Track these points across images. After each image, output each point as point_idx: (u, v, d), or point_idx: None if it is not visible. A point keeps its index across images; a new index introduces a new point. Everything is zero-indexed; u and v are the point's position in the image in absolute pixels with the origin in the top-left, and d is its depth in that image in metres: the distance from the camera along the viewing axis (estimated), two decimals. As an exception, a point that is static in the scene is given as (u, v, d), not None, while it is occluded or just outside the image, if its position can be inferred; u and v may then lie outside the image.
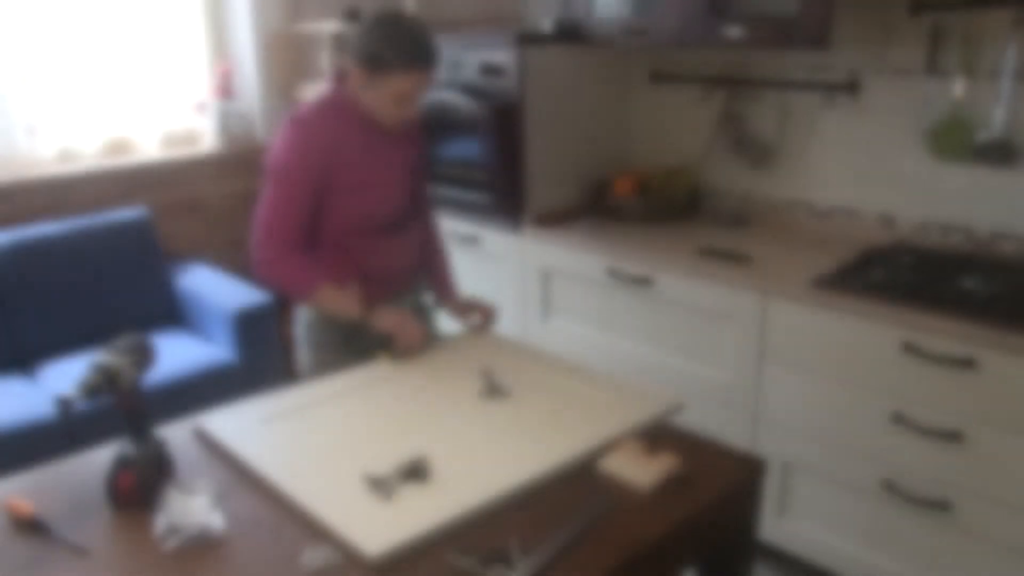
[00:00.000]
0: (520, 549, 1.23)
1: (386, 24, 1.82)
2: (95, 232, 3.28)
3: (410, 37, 1.81)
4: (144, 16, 3.59)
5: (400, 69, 1.81)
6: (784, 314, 2.22)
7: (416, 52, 1.82)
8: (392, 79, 1.82)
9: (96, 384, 1.35)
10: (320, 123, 1.90)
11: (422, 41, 1.83)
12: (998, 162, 2.26)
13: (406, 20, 1.84)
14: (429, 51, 1.84)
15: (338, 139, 1.91)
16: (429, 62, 1.85)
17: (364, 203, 1.97)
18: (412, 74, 1.83)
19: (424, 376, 1.82)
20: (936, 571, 2.10)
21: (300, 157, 1.88)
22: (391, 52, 1.80)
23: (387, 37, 1.80)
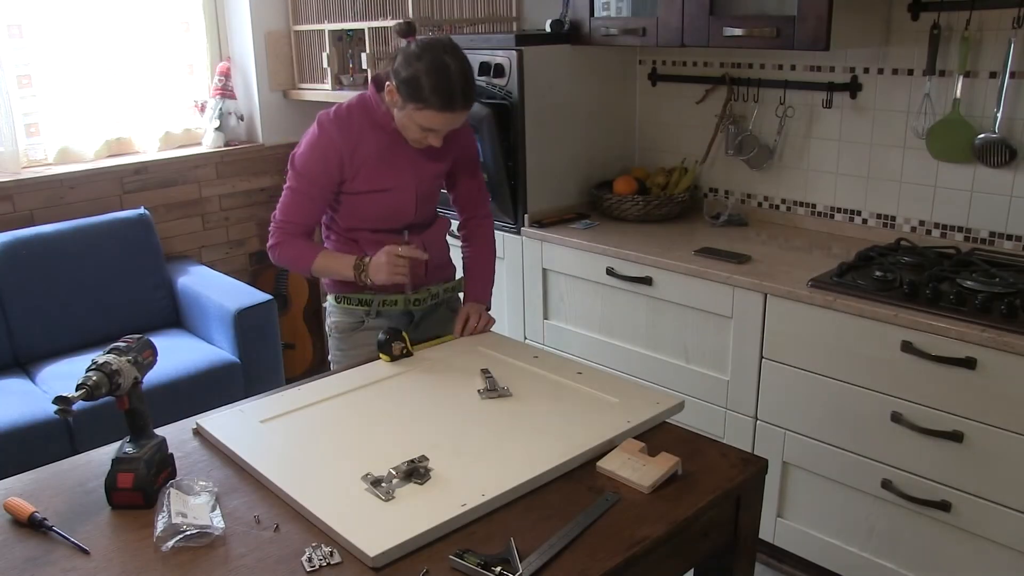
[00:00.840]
0: (520, 549, 1.23)
1: (433, 60, 1.80)
2: (95, 232, 3.28)
3: (451, 81, 1.80)
4: (144, 16, 3.59)
5: (434, 108, 1.82)
6: (784, 314, 2.23)
7: (453, 98, 1.81)
8: (424, 113, 1.83)
9: (96, 384, 1.35)
10: (344, 125, 1.93)
11: (462, 87, 1.82)
12: (997, 162, 2.26)
13: (453, 61, 1.81)
14: (467, 97, 1.84)
15: (359, 143, 1.93)
16: (464, 108, 1.85)
17: (378, 206, 2.00)
18: (444, 115, 1.83)
19: (424, 376, 1.82)
20: (936, 571, 2.10)
21: (317, 158, 1.93)
22: (429, 90, 1.79)
23: (429, 74, 1.79)
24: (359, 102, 1.96)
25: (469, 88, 1.84)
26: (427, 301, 2.12)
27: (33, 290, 3.11)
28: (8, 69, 3.25)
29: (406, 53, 1.83)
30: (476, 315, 2.08)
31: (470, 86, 1.84)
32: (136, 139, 3.67)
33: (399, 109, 1.87)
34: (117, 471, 1.37)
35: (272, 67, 3.85)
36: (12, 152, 3.27)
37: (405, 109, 1.85)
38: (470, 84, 1.84)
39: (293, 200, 1.97)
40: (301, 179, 1.95)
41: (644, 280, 2.52)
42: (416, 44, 1.83)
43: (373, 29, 3.43)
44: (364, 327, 2.10)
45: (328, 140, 1.92)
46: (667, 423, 1.63)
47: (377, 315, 2.09)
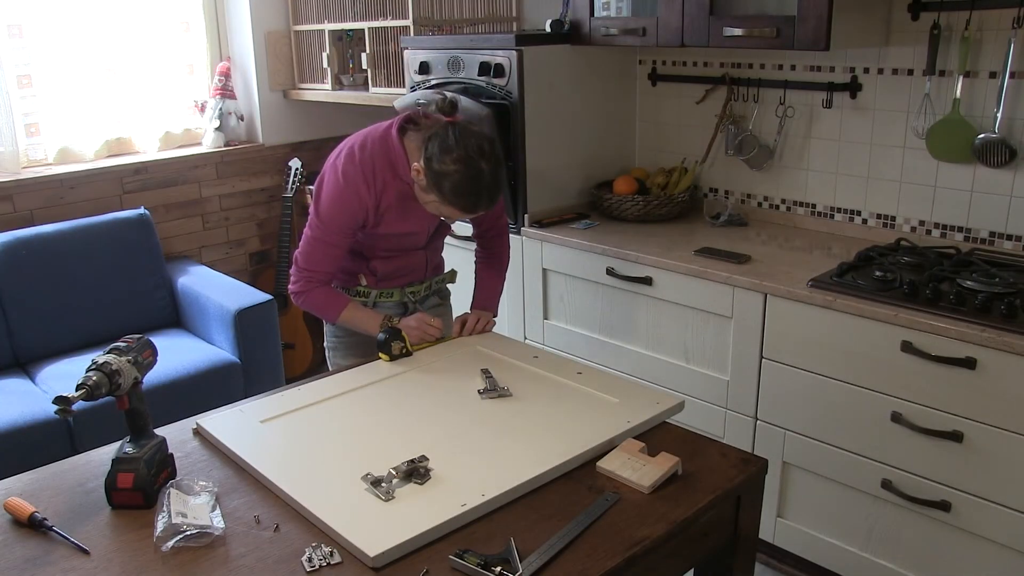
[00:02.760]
0: (520, 549, 1.23)
1: (468, 165, 1.78)
2: (95, 232, 3.28)
3: (480, 189, 1.81)
4: (144, 16, 3.59)
5: (457, 209, 1.84)
6: (784, 314, 2.23)
7: (478, 204, 1.84)
8: (446, 208, 1.85)
9: (96, 384, 1.35)
10: (369, 178, 1.91)
11: (489, 193, 1.83)
12: (998, 162, 2.26)
13: (488, 165, 1.80)
14: (492, 201, 1.86)
15: (383, 193, 1.93)
16: (475, 210, 1.87)
17: (391, 243, 2.05)
18: (457, 212, 1.86)
19: (424, 376, 1.83)
20: (936, 571, 2.10)
21: (343, 209, 1.92)
22: (455, 193, 1.80)
23: (459, 176, 1.78)
24: (382, 149, 1.92)
25: (496, 192, 1.85)
26: (421, 292, 2.17)
27: (33, 290, 3.11)
28: (8, 69, 3.25)
29: (443, 143, 1.79)
30: (476, 317, 2.11)
31: (498, 189, 1.86)
32: (136, 139, 3.66)
33: (422, 189, 1.86)
34: (117, 471, 1.37)
35: (272, 67, 3.85)
36: (12, 152, 3.27)
37: (429, 195, 1.85)
38: (498, 187, 1.85)
39: (318, 250, 1.96)
40: (327, 231, 1.94)
41: (644, 280, 2.52)
42: (453, 136, 1.80)
43: (373, 29, 3.43)
44: None
45: (354, 194, 1.91)
46: (667, 423, 1.63)
47: (374, 306, 2.11)
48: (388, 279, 2.10)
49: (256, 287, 3.37)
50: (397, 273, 2.11)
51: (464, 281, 2.33)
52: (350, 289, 2.10)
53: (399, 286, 2.12)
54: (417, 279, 2.15)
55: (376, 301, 2.10)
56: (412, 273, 2.14)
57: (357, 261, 2.08)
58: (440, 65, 2.94)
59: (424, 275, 2.16)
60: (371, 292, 2.08)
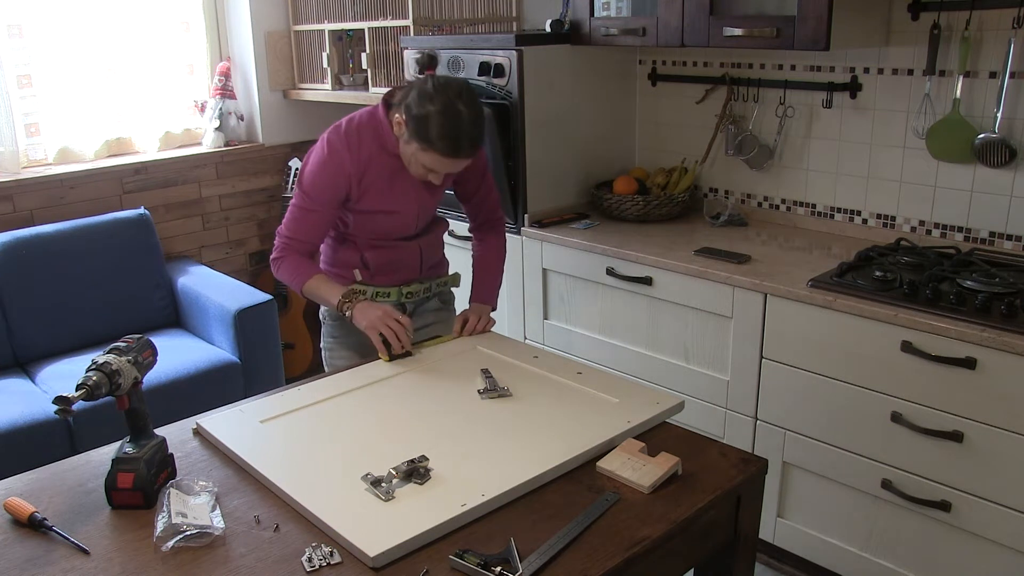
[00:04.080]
0: (520, 549, 1.23)
1: (446, 105, 1.79)
2: (95, 232, 3.28)
3: (460, 129, 1.80)
4: (144, 16, 3.59)
5: (439, 153, 1.82)
6: (784, 314, 2.23)
7: (459, 146, 1.82)
8: (428, 155, 1.84)
9: (96, 384, 1.35)
10: (355, 147, 1.93)
11: (470, 135, 1.82)
12: (997, 162, 2.26)
13: (467, 108, 1.81)
14: (474, 145, 1.85)
15: (368, 166, 1.94)
16: (470, 155, 1.86)
17: (378, 224, 2.03)
18: (448, 160, 1.84)
19: (424, 376, 1.83)
20: (936, 571, 2.10)
21: (326, 178, 1.94)
22: (437, 134, 1.80)
23: (440, 118, 1.79)
24: (369, 121, 1.95)
25: (478, 136, 1.85)
26: (420, 294, 2.15)
27: (33, 290, 3.11)
28: (8, 69, 3.25)
29: (421, 90, 1.81)
30: (476, 316, 2.09)
31: (479, 133, 1.85)
32: (136, 139, 3.66)
33: (405, 142, 1.87)
34: (117, 471, 1.37)
35: (272, 67, 3.85)
36: (12, 152, 3.27)
37: (411, 145, 1.85)
38: (480, 131, 1.85)
39: (299, 218, 1.98)
40: (308, 199, 1.96)
41: (644, 280, 2.52)
42: (432, 83, 1.82)
43: (373, 29, 3.43)
44: None
45: (338, 161, 1.92)
46: (667, 423, 1.63)
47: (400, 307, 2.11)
48: (382, 273, 2.08)
49: (256, 287, 3.37)
50: (390, 267, 2.09)
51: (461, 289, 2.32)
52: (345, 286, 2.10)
53: (396, 284, 2.10)
54: (413, 276, 2.13)
55: (372, 300, 2.08)
56: (406, 269, 2.11)
57: (350, 251, 2.07)
58: (440, 65, 2.94)
59: (419, 272, 2.14)
60: (367, 290, 2.07)
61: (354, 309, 1.92)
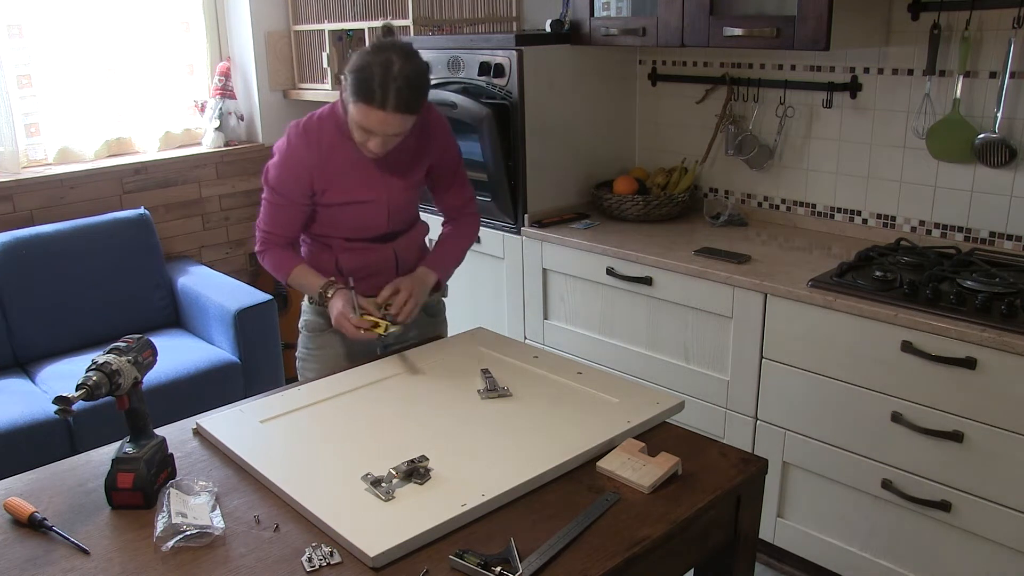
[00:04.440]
0: (520, 549, 1.23)
1: (379, 56, 1.74)
2: (95, 232, 3.28)
3: (388, 78, 1.72)
4: (144, 16, 3.59)
5: (357, 100, 1.76)
6: (784, 314, 2.23)
7: (385, 96, 1.73)
8: (357, 107, 1.77)
9: (96, 384, 1.35)
10: (313, 138, 1.90)
11: (399, 87, 1.73)
12: (997, 162, 2.26)
13: (402, 61, 1.74)
14: (402, 100, 1.74)
15: (329, 156, 1.90)
16: (398, 110, 1.75)
17: (349, 218, 1.98)
18: (375, 112, 1.75)
19: (424, 376, 1.82)
20: (936, 571, 2.10)
21: (287, 171, 1.92)
22: (364, 83, 1.74)
23: (368, 67, 1.74)
24: (330, 112, 1.92)
25: (410, 92, 1.75)
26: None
27: (33, 290, 3.11)
28: (8, 69, 3.25)
29: (361, 49, 1.79)
30: (408, 289, 1.95)
31: (412, 91, 1.75)
32: (136, 139, 3.67)
33: (346, 107, 1.83)
34: (117, 471, 1.37)
35: (272, 67, 3.85)
36: (12, 152, 3.27)
37: (349, 104, 1.80)
38: (413, 89, 1.75)
39: (272, 213, 1.97)
40: (275, 193, 1.95)
41: (644, 280, 2.52)
42: (376, 40, 1.81)
43: (373, 29, 3.43)
44: (332, 329, 2.02)
45: (296, 154, 1.90)
46: (667, 423, 1.63)
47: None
48: (356, 278, 1.99)
49: (256, 287, 3.38)
50: (365, 270, 2.02)
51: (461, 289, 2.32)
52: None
53: (373, 292, 1.99)
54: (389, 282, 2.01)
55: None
56: (381, 274, 2.03)
57: (325, 254, 2.02)
58: (440, 65, 2.94)
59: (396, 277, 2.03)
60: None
61: (328, 304, 1.92)
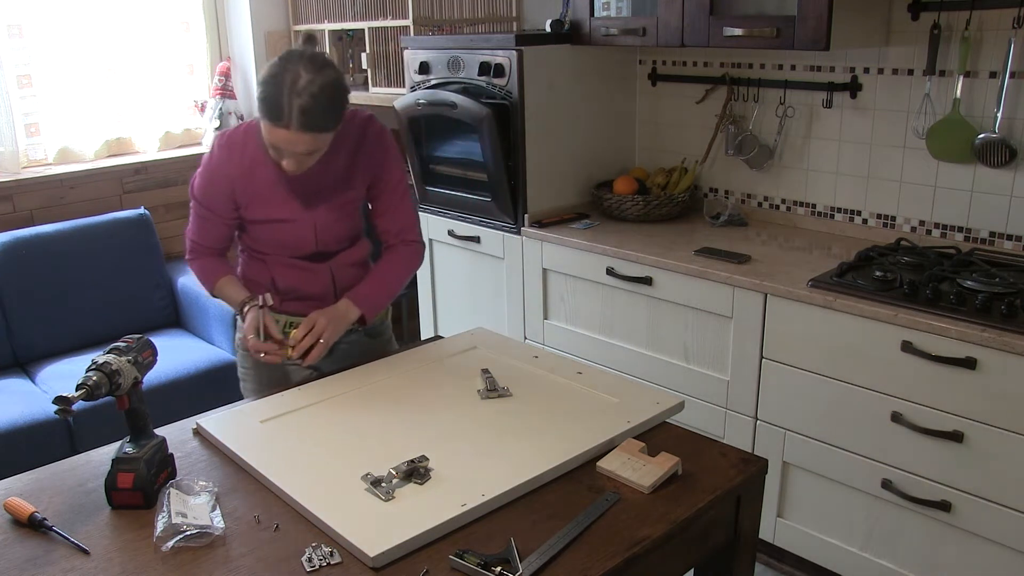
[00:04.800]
0: (520, 549, 1.23)
1: (284, 69, 1.62)
2: (95, 232, 3.28)
3: (292, 93, 1.60)
4: (144, 16, 3.59)
5: (261, 117, 1.66)
6: (784, 314, 2.23)
7: (274, 109, 1.61)
8: (263, 123, 1.67)
9: (96, 384, 1.35)
10: (236, 151, 1.81)
11: (303, 104, 1.60)
12: (997, 162, 2.26)
13: (311, 74, 1.61)
14: (308, 117, 1.61)
15: (252, 169, 1.81)
16: (287, 124, 1.62)
17: (275, 236, 1.90)
18: (270, 128, 1.65)
19: (424, 376, 1.82)
20: (936, 571, 2.10)
21: (208, 183, 1.85)
22: (258, 96, 1.64)
23: (264, 77, 1.63)
24: (256, 125, 1.77)
25: (317, 109, 1.61)
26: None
27: (33, 290, 3.11)
28: (8, 69, 3.25)
29: (271, 60, 1.66)
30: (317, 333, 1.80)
31: (320, 108, 1.62)
32: (136, 139, 3.67)
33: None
34: (117, 471, 1.37)
35: (272, 67, 3.85)
36: (12, 152, 3.27)
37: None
38: (320, 105, 1.62)
39: (198, 223, 1.91)
40: (200, 205, 1.88)
41: (644, 280, 2.52)
42: (291, 49, 1.67)
43: (373, 29, 3.43)
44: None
45: (218, 166, 1.82)
46: (667, 423, 1.63)
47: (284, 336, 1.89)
48: (290, 297, 1.94)
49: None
50: (299, 291, 1.94)
51: (461, 289, 2.31)
52: None
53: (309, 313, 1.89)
54: (327, 303, 1.91)
55: (284, 332, 1.88)
56: (317, 295, 1.94)
57: (260, 268, 1.94)
58: (440, 65, 2.94)
59: (333, 299, 1.93)
60: (278, 320, 1.87)
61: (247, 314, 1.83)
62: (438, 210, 3.16)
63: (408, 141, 3.12)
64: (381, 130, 1.91)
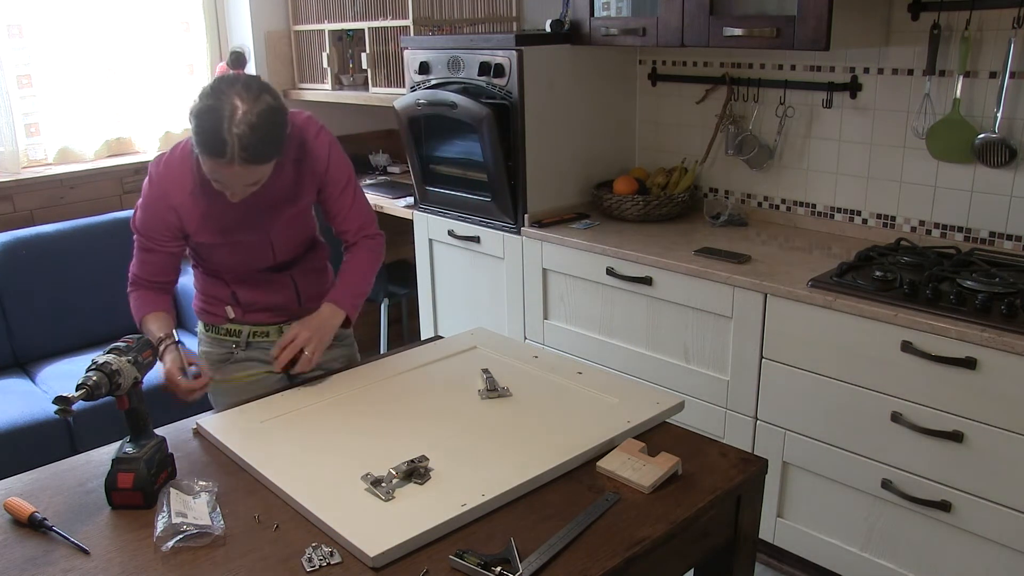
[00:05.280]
0: (520, 549, 1.23)
1: (209, 95, 1.54)
2: (95, 232, 3.28)
3: (218, 124, 1.51)
4: (144, 16, 3.59)
5: (200, 152, 1.57)
6: (784, 314, 2.23)
7: (213, 145, 1.53)
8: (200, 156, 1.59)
9: (96, 384, 1.35)
10: (176, 176, 1.72)
11: (231, 133, 1.51)
12: (997, 162, 2.26)
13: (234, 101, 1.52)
14: (233, 148, 1.52)
15: (194, 195, 1.73)
16: (230, 160, 1.54)
17: (231, 255, 1.85)
18: (210, 164, 1.57)
19: (424, 376, 1.82)
20: (936, 571, 2.10)
21: (150, 213, 1.76)
22: (194, 129, 1.55)
23: (199, 109, 1.54)
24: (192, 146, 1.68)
25: (258, 141, 1.53)
26: None
27: (33, 290, 3.11)
28: (8, 69, 3.25)
29: (206, 87, 1.57)
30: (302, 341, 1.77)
31: (260, 139, 1.54)
32: (136, 139, 3.66)
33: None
34: (117, 471, 1.37)
35: (272, 67, 3.85)
36: (12, 152, 3.27)
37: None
38: (260, 137, 1.54)
39: (138, 256, 1.83)
40: (142, 237, 1.80)
41: (644, 280, 2.52)
42: (222, 78, 1.58)
43: (373, 29, 3.43)
44: (234, 359, 1.95)
45: (159, 196, 1.73)
46: (667, 423, 1.63)
47: (247, 346, 1.94)
48: (254, 309, 1.90)
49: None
50: (263, 304, 1.91)
51: (461, 289, 2.31)
52: (219, 327, 1.93)
53: (275, 322, 1.91)
54: (291, 311, 1.91)
55: (249, 341, 1.90)
56: (281, 304, 1.92)
57: (219, 286, 1.90)
58: (440, 65, 2.94)
59: (298, 306, 1.93)
60: (242, 330, 1.88)
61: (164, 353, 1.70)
62: (438, 210, 3.16)
63: (408, 141, 3.12)
64: (319, 131, 1.82)
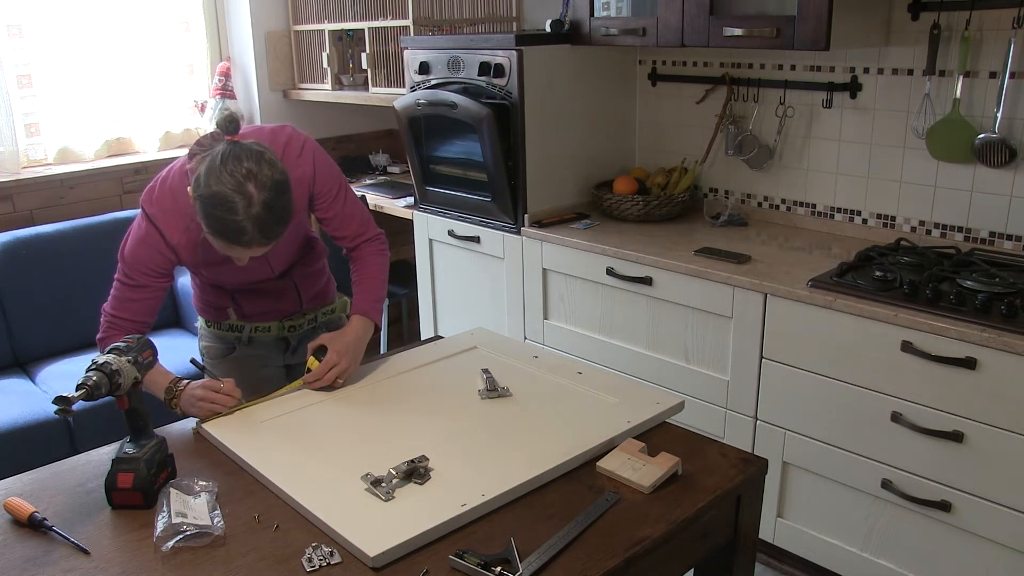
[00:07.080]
0: (520, 549, 1.23)
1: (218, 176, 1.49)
2: (95, 232, 3.28)
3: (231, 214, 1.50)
4: (144, 16, 3.59)
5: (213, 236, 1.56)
6: (784, 314, 2.23)
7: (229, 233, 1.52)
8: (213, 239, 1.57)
9: (96, 384, 1.35)
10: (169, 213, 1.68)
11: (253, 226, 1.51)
12: (998, 162, 2.26)
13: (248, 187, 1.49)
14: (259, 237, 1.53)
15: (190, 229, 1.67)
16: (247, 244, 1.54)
17: (232, 277, 1.82)
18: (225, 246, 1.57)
19: (424, 376, 1.82)
20: (936, 571, 2.10)
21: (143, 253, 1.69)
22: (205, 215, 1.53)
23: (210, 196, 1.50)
24: (182, 181, 1.65)
25: (271, 223, 1.53)
26: (304, 327, 1.99)
27: (33, 290, 3.11)
28: (8, 69, 3.25)
29: (210, 165, 1.52)
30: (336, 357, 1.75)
31: (275, 217, 1.54)
32: (136, 139, 3.67)
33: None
34: (117, 471, 1.37)
35: (272, 67, 3.85)
36: (12, 152, 3.27)
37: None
38: (275, 215, 1.53)
39: (124, 296, 1.71)
40: (127, 275, 1.71)
41: (644, 280, 2.52)
42: (223, 154, 1.52)
43: (373, 29, 3.43)
44: (235, 354, 1.96)
45: (156, 234, 1.68)
46: (667, 423, 1.63)
47: (249, 342, 1.94)
48: (256, 316, 1.91)
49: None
50: (266, 308, 1.92)
51: (461, 289, 2.30)
52: (221, 323, 1.93)
53: (277, 319, 1.93)
54: (293, 310, 1.93)
55: (251, 336, 1.91)
56: (283, 306, 1.93)
57: (220, 295, 1.89)
58: (440, 65, 2.94)
59: (300, 305, 1.94)
60: (244, 327, 1.87)
61: (180, 403, 1.67)
62: (438, 210, 3.16)
63: (408, 141, 3.12)
64: (302, 148, 1.77)
